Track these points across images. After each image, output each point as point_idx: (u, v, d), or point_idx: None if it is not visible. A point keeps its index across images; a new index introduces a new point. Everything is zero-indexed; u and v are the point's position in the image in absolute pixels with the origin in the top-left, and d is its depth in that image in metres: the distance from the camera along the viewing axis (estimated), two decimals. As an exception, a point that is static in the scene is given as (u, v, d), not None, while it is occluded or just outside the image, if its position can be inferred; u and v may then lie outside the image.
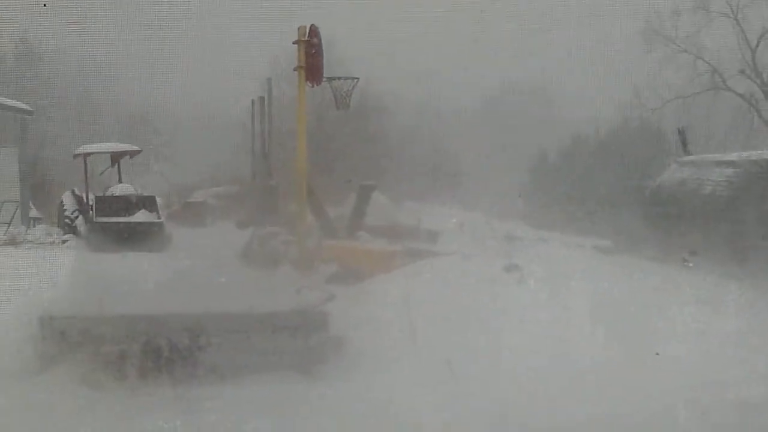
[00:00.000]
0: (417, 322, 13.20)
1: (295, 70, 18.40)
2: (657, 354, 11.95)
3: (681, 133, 22.31)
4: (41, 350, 12.15)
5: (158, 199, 21.36)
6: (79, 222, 20.58)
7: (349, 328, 12.92)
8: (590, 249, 19.52)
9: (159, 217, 20.54)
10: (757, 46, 26.69)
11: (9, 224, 21.45)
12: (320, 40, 18.08)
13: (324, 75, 18.45)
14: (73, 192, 21.51)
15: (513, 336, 12.65)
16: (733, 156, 20.38)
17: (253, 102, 22.73)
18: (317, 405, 10.88)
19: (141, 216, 20.23)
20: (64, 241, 19.77)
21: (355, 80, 19.26)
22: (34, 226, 21.76)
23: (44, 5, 16.91)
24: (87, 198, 21.08)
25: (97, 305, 12.98)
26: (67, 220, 20.88)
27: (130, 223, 19.84)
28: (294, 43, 18.16)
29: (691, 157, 21.07)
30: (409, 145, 25.32)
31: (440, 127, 25.41)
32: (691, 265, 16.40)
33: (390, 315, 13.56)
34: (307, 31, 18.02)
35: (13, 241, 19.72)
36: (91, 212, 20.52)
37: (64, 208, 21.24)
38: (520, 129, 23.53)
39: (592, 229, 21.28)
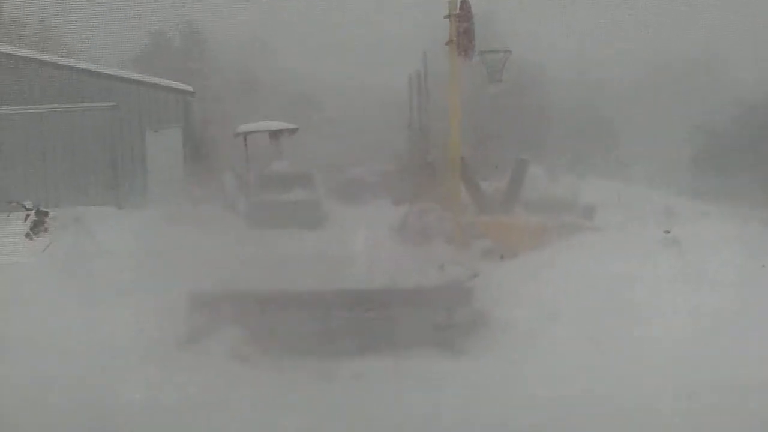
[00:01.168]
0: (567, 297, 13.02)
1: (446, 44, 18.31)
2: None
3: None
4: (202, 323, 12.56)
5: (316, 176, 21.67)
6: (240, 200, 21.06)
7: (497, 304, 12.86)
8: (756, 222, 18.79)
9: (316, 195, 20.84)
10: None
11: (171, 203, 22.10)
12: (471, 13, 17.92)
13: (476, 48, 18.29)
14: (233, 170, 22.03)
15: (663, 312, 12.34)
16: None
17: (410, 77, 22.70)
18: (460, 379, 10.87)
19: (298, 193, 20.56)
20: None
21: (508, 53, 19.01)
22: (197, 205, 22.37)
23: None
24: (247, 176, 21.57)
25: (249, 281, 13.36)
26: (228, 199, 21.43)
27: (287, 200, 20.17)
28: (445, 17, 18.07)
29: None
30: (568, 117, 24.86)
31: (599, 100, 24.89)
32: None
33: (540, 290, 13.41)
34: (458, 4, 17.90)
35: (175, 219, 20.25)
36: (250, 190, 20.99)
37: (226, 186, 21.78)
38: (683, 99, 22.77)
39: (761, 201, 20.47)
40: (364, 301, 12.31)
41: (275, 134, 22.44)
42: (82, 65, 22.90)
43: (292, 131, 22.56)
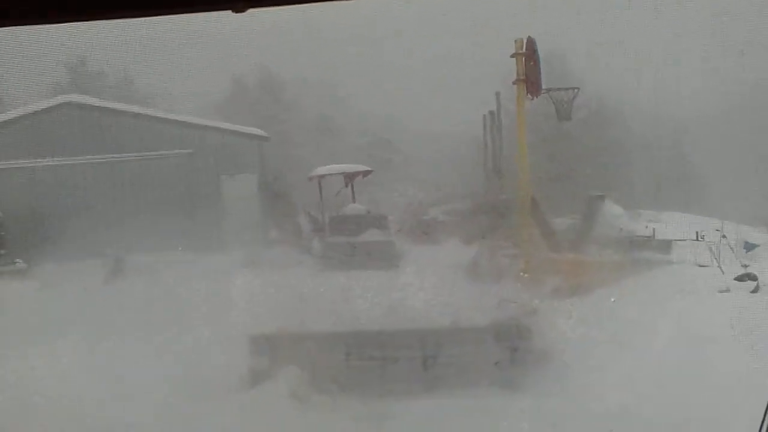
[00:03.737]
0: (635, 334, 12.82)
1: (514, 83, 18.28)
2: None
3: None
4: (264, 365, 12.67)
5: (390, 218, 21.79)
6: (315, 242, 21.22)
7: (560, 341, 12.73)
8: None
9: (389, 236, 20.92)
10: None
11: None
12: (537, 51, 17.86)
13: (543, 86, 18.21)
14: (308, 213, 22.28)
15: (731, 348, 12.06)
16: None
17: (484, 117, 22.69)
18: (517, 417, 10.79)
19: (372, 235, 20.62)
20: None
21: (576, 90, 18.91)
22: (273, 248, 22.58)
23: None
24: (322, 219, 21.77)
25: (316, 322, 13.46)
26: (303, 241, 21.64)
27: (362, 242, 20.26)
28: (512, 56, 18.04)
29: None
30: (647, 152, 24.55)
31: (678, 133, 24.56)
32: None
33: (606, 328, 13.23)
34: (524, 43, 17.85)
35: (251, 263, 20.36)
36: (325, 232, 21.14)
37: (301, 229, 22.04)
38: (765, 130, 22.30)
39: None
40: (425, 341, 12.31)
41: (350, 177, 22.62)
42: (159, 114, 23.43)
43: (367, 173, 22.73)
